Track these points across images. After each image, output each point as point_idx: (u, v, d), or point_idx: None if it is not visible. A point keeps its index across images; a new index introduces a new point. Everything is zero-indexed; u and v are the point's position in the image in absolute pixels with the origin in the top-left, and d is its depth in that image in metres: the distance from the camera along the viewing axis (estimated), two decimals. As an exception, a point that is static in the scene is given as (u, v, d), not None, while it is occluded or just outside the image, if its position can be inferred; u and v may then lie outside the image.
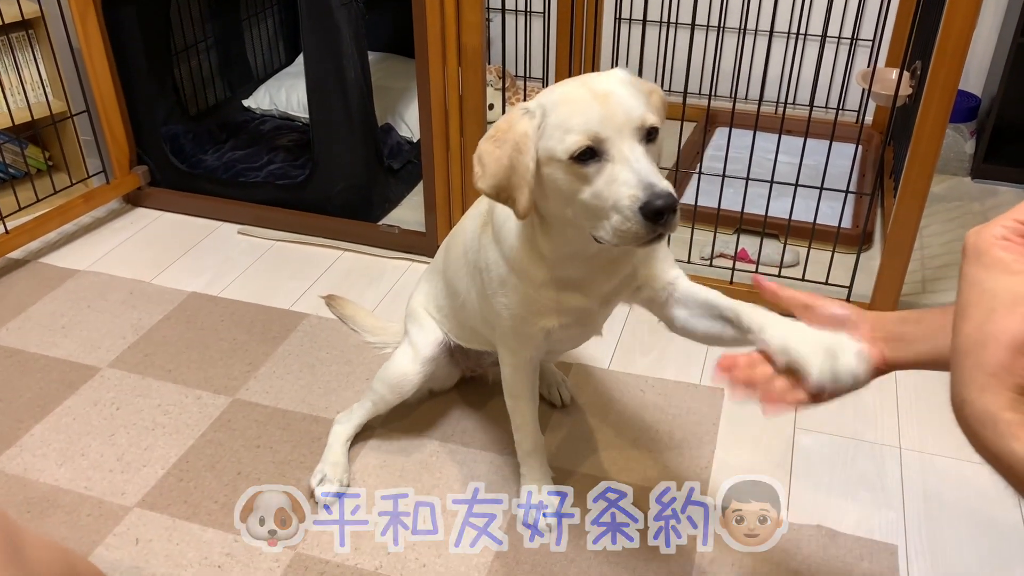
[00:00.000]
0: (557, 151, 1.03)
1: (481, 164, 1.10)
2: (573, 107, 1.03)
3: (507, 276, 1.24)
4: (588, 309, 1.26)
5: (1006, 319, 0.58)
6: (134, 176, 2.46)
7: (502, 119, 1.10)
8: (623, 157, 1.01)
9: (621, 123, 1.02)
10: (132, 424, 1.68)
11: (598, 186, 1.02)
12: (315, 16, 2.09)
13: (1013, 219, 0.61)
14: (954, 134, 2.60)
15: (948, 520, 1.48)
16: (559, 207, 1.09)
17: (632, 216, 0.99)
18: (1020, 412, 0.58)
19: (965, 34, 1.60)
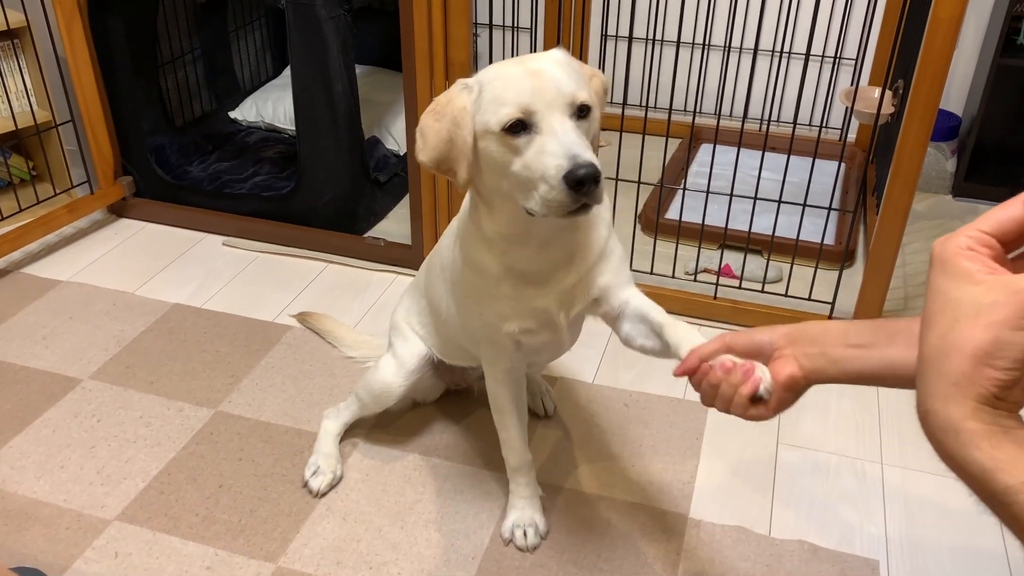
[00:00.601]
0: (491, 123, 1.07)
1: (423, 137, 1.14)
2: (507, 82, 1.07)
3: (472, 278, 1.27)
4: (548, 310, 1.26)
5: (969, 329, 0.59)
6: (118, 187, 2.45)
7: (443, 94, 1.14)
8: (551, 129, 1.05)
9: (552, 98, 1.05)
10: (113, 436, 1.66)
11: (528, 157, 1.06)
12: (303, 28, 2.10)
13: (978, 229, 0.61)
14: (936, 153, 2.63)
15: (929, 536, 1.49)
16: (494, 179, 1.13)
17: (557, 185, 1.03)
18: (983, 421, 0.59)
19: (946, 54, 1.62)
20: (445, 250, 1.40)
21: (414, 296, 1.62)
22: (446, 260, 1.39)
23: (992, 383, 0.58)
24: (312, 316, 1.97)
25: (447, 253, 1.38)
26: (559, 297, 1.25)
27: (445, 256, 1.40)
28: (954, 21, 1.59)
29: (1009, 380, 0.58)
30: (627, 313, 1.27)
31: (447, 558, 1.42)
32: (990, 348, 0.58)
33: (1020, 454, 0.58)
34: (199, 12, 2.70)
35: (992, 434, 0.58)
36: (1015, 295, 0.57)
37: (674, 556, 1.43)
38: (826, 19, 2.68)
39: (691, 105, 2.83)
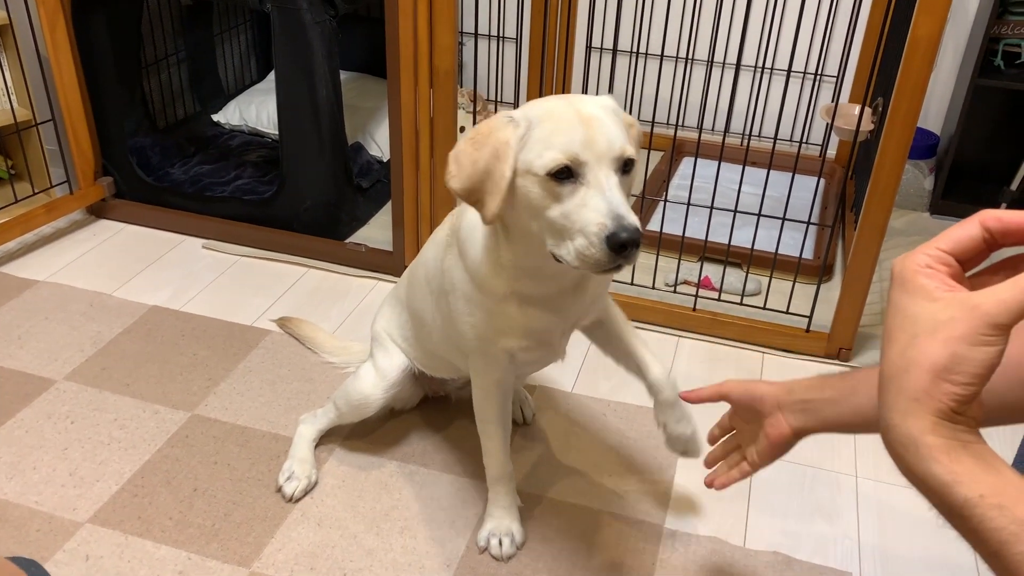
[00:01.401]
0: (535, 165, 1.04)
1: (457, 163, 1.10)
2: (558, 125, 1.04)
3: (471, 292, 1.24)
4: (550, 331, 1.27)
5: (928, 345, 0.59)
6: (99, 187, 2.43)
7: (484, 123, 1.10)
8: (598, 183, 1.03)
9: (602, 151, 1.03)
10: (87, 438, 1.65)
11: (569, 207, 1.03)
12: (288, 33, 2.10)
13: (936, 247, 0.63)
14: (914, 170, 2.66)
15: (902, 547, 1.50)
16: (526, 219, 1.10)
17: (597, 244, 1.01)
18: (941, 436, 0.59)
19: (924, 73, 1.65)
20: (431, 261, 1.37)
21: (394, 307, 1.60)
22: (432, 271, 1.37)
23: (950, 398, 0.59)
24: (292, 321, 1.97)
25: (433, 264, 1.36)
26: (561, 320, 1.26)
27: (431, 267, 1.37)
28: (933, 40, 1.61)
29: (967, 395, 0.59)
30: (604, 324, 1.34)
31: (422, 565, 1.42)
32: (948, 363, 0.58)
33: (978, 467, 0.59)
34: (184, 14, 2.69)
35: (951, 448, 0.59)
36: (971, 311, 0.58)
37: (649, 566, 1.44)
38: (808, 36, 2.71)
39: (674, 118, 2.84)
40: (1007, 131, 2.68)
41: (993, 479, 0.58)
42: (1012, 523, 0.56)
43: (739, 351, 2.01)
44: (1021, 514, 0.57)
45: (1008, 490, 0.58)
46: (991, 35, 2.43)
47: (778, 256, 2.03)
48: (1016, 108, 2.65)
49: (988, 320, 0.58)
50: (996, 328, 0.58)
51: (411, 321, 1.52)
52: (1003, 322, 0.58)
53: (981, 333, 0.58)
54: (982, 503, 0.57)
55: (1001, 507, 0.57)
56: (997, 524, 0.57)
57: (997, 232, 0.62)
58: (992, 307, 0.58)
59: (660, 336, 2.03)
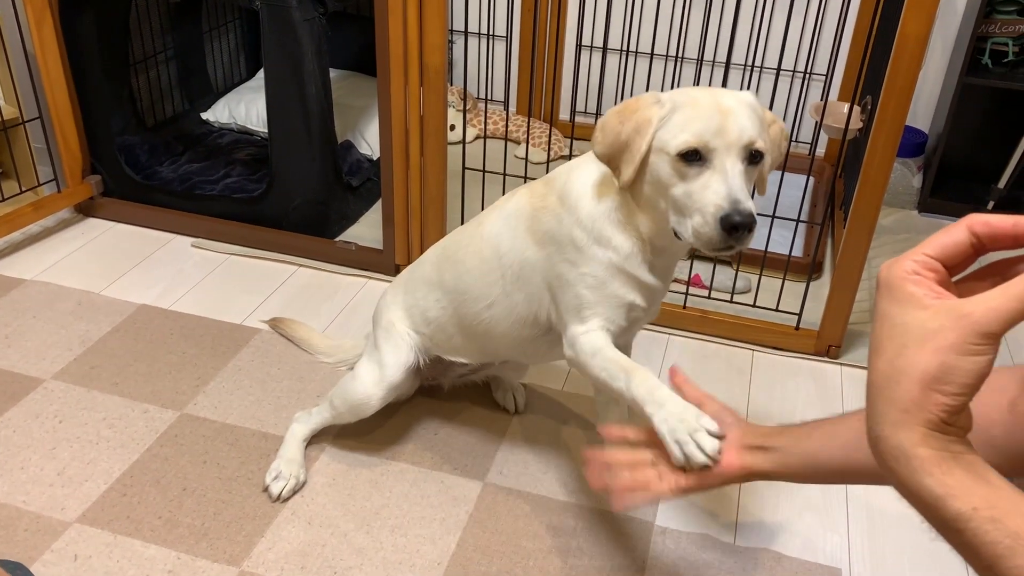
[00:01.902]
0: (669, 144, 1.13)
1: (602, 131, 1.20)
2: (697, 111, 1.13)
3: (589, 247, 1.26)
4: (657, 291, 1.32)
5: (917, 354, 0.58)
6: (86, 186, 2.42)
7: (633, 99, 1.19)
8: (723, 169, 1.11)
9: (732, 140, 1.11)
10: (75, 437, 1.64)
11: (692, 187, 1.12)
12: (277, 30, 2.09)
13: (923, 253, 0.61)
14: (902, 169, 2.68)
15: (891, 544, 1.51)
16: (653, 193, 1.18)
17: (712, 223, 1.09)
18: (932, 447, 0.58)
19: (912, 71, 1.65)
20: (503, 231, 1.37)
21: (415, 291, 1.55)
22: (506, 243, 1.36)
23: (940, 408, 0.58)
24: (284, 322, 1.96)
25: (508, 234, 1.36)
26: (651, 294, 1.31)
27: (505, 238, 1.36)
28: (921, 38, 1.62)
29: (957, 405, 0.58)
30: None
31: (413, 563, 1.42)
32: (938, 373, 0.57)
33: (970, 479, 0.58)
34: (172, 12, 2.68)
35: (942, 460, 0.58)
36: (961, 319, 0.57)
37: (640, 564, 1.44)
38: (797, 35, 2.72)
39: (664, 117, 2.84)
40: (995, 129, 2.70)
41: (985, 491, 0.58)
42: (1007, 536, 0.55)
43: (729, 348, 2.02)
44: (1015, 527, 0.56)
45: (1001, 502, 0.57)
46: (979, 34, 2.44)
47: (768, 254, 2.04)
48: (1004, 106, 2.67)
49: (978, 329, 0.57)
50: (986, 337, 0.57)
51: (449, 300, 1.48)
52: (993, 331, 0.56)
53: (971, 342, 0.57)
54: (976, 516, 0.57)
55: (995, 520, 0.56)
56: (991, 538, 0.56)
57: (985, 237, 0.60)
58: (982, 315, 0.57)
59: (650, 334, 2.04)
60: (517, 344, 1.44)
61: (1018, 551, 0.55)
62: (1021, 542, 0.55)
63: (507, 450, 1.67)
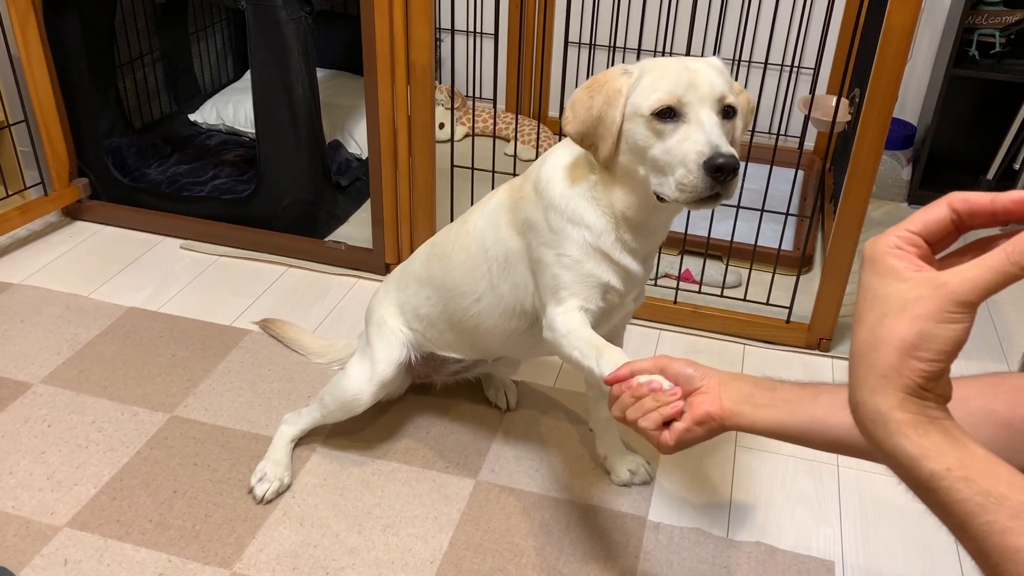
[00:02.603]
0: (642, 106, 1.14)
1: (573, 110, 1.19)
2: (665, 72, 1.14)
3: (569, 230, 1.26)
4: (632, 282, 1.31)
5: (896, 323, 0.61)
6: (74, 189, 2.41)
7: (600, 73, 1.20)
8: (698, 120, 1.12)
9: (704, 93, 1.12)
10: (64, 441, 1.63)
11: (670, 143, 1.13)
12: (263, 30, 2.08)
13: (906, 229, 0.64)
14: (891, 161, 2.68)
15: (883, 536, 1.51)
16: (631, 161, 1.18)
17: (695, 170, 1.09)
18: (910, 411, 0.61)
19: (899, 62, 1.65)
20: (487, 227, 1.38)
21: (406, 288, 1.56)
22: (490, 238, 1.37)
23: (918, 374, 0.60)
24: (275, 323, 1.95)
25: (490, 229, 1.37)
26: (629, 279, 1.31)
27: (489, 233, 1.38)
28: (907, 30, 1.62)
29: (934, 371, 0.60)
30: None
31: (405, 562, 1.41)
32: (916, 340, 0.60)
33: (945, 442, 0.60)
34: (158, 13, 2.67)
35: (919, 423, 0.61)
36: (938, 289, 0.59)
37: (633, 559, 1.44)
38: (784, 28, 2.72)
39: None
40: (983, 120, 2.70)
41: (960, 453, 0.60)
42: (977, 494, 0.58)
43: (720, 343, 2.02)
44: (987, 486, 0.58)
45: (974, 463, 0.59)
46: (966, 25, 2.45)
47: (758, 248, 2.04)
48: (991, 97, 2.67)
49: (955, 298, 0.59)
50: (962, 305, 0.59)
51: (438, 297, 1.49)
52: (969, 300, 0.59)
53: (947, 311, 0.59)
54: (949, 476, 0.59)
55: (967, 479, 0.58)
56: (963, 496, 0.58)
57: (964, 213, 0.62)
58: (958, 285, 0.59)
59: (641, 329, 2.04)
60: (506, 338, 1.45)
61: (989, 508, 0.57)
62: (992, 499, 0.57)
63: (499, 447, 1.66)
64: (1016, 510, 0.56)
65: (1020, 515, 0.56)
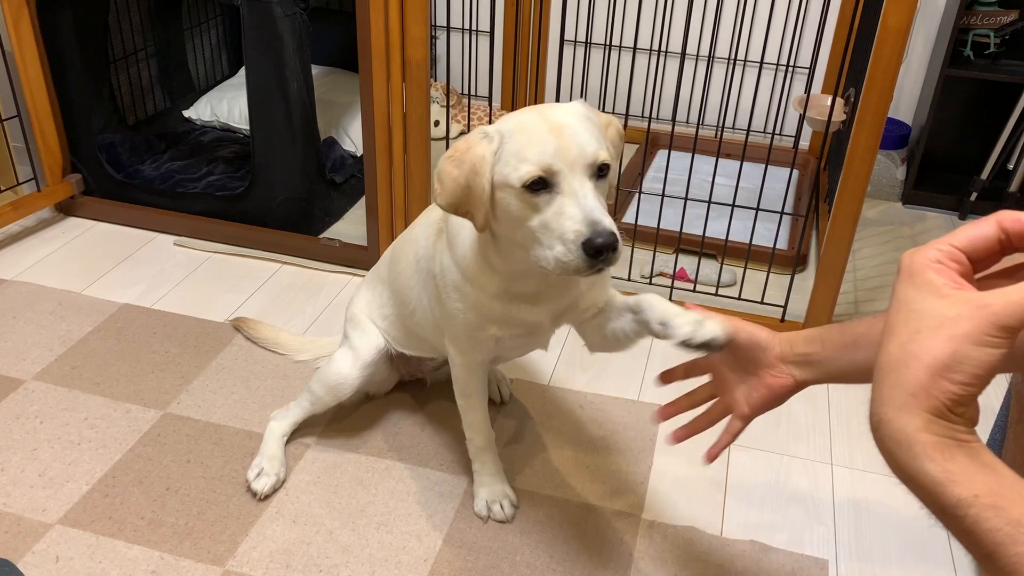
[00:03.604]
0: (511, 178, 1.07)
1: (440, 182, 1.14)
2: (530, 137, 1.07)
3: (461, 283, 1.27)
4: (538, 323, 1.30)
5: (930, 340, 0.58)
6: (67, 184, 2.39)
7: (462, 140, 1.14)
8: (572, 191, 1.05)
9: (574, 158, 1.05)
10: (56, 438, 1.62)
11: (546, 216, 1.06)
12: (258, 26, 2.07)
13: (949, 244, 0.61)
14: (886, 161, 2.68)
15: (877, 534, 1.51)
16: (510, 229, 1.14)
17: (575, 250, 1.04)
18: (936, 434, 0.58)
19: (894, 62, 1.66)
20: (422, 240, 1.39)
21: (374, 287, 1.61)
22: (422, 252, 1.39)
23: (948, 396, 0.57)
24: (248, 323, 1.92)
25: (424, 244, 1.38)
26: (552, 313, 1.29)
27: (421, 247, 1.39)
28: (902, 30, 1.62)
29: (965, 395, 0.57)
30: (606, 311, 1.32)
31: (399, 560, 1.41)
32: (949, 361, 0.57)
33: (973, 467, 0.57)
34: (153, 9, 2.66)
35: (945, 446, 0.58)
36: (980, 310, 0.57)
37: (627, 557, 1.43)
38: (780, 28, 2.72)
39: (647, 111, 2.84)
40: (977, 121, 2.71)
41: (988, 479, 0.57)
42: (1008, 524, 0.55)
43: (715, 342, 2.01)
44: (1017, 515, 0.55)
45: (1004, 491, 0.57)
46: (960, 26, 2.45)
47: (752, 247, 2.04)
48: (986, 98, 2.68)
49: (996, 321, 0.56)
50: (1003, 330, 0.56)
51: (393, 299, 1.53)
52: (1011, 324, 0.56)
53: (987, 333, 0.56)
54: (976, 503, 0.56)
55: (996, 508, 0.56)
56: (992, 525, 0.55)
57: (1014, 233, 0.60)
58: (1002, 308, 0.56)
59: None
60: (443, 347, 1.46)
61: (1019, 539, 0.54)
62: (1022, 530, 0.55)
63: (493, 446, 1.66)
64: None
65: None
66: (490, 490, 1.50)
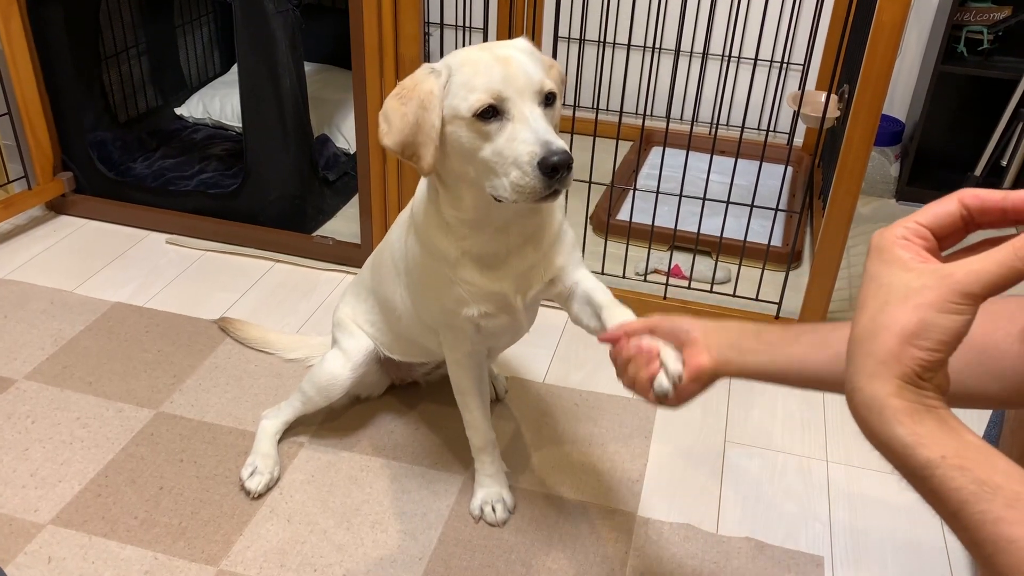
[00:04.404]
0: (461, 109, 1.08)
1: (387, 120, 1.13)
2: (477, 67, 1.08)
3: (427, 262, 1.28)
4: (505, 294, 1.27)
5: (898, 310, 0.61)
6: (58, 183, 2.38)
7: (408, 78, 1.13)
8: (523, 117, 1.07)
9: (522, 85, 1.07)
10: (48, 438, 1.61)
11: (499, 144, 1.07)
12: (250, 23, 2.06)
13: (915, 221, 0.64)
14: (880, 157, 2.68)
15: (872, 531, 1.51)
16: (461, 165, 1.13)
17: (531, 172, 1.05)
18: (906, 399, 0.61)
19: (888, 59, 1.65)
20: (396, 242, 1.40)
21: (359, 295, 1.61)
22: (397, 252, 1.39)
23: (916, 363, 0.60)
24: (234, 324, 1.90)
25: (398, 245, 1.39)
26: (516, 280, 1.27)
27: (396, 248, 1.40)
28: (896, 26, 1.62)
29: (933, 360, 0.60)
30: (576, 294, 1.30)
31: (394, 559, 1.40)
32: (916, 329, 0.60)
33: (941, 431, 0.60)
34: (144, 5, 2.64)
35: (915, 411, 0.60)
36: (944, 279, 0.60)
37: (623, 554, 1.43)
38: (774, 24, 2.72)
39: (642, 108, 2.84)
40: (971, 117, 2.71)
41: (955, 442, 0.59)
42: (972, 483, 0.57)
43: (709, 339, 2.01)
44: (982, 475, 0.57)
45: (969, 452, 0.59)
46: (954, 22, 2.45)
47: (747, 244, 2.04)
48: (979, 94, 2.68)
49: (959, 288, 0.59)
50: (966, 297, 0.59)
51: (379, 307, 1.53)
52: (973, 291, 0.59)
53: (951, 301, 0.59)
54: (943, 464, 0.58)
55: (962, 468, 0.58)
56: (957, 484, 0.58)
57: (975, 209, 0.63)
58: (964, 276, 0.59)
59: (631, 325, 2.03)
60: (440, 349, 1.45)
61: (983, 496, 0.57)
62: (986, 488, 0.57)
63: (488, 444, 1.65)
64: (1010, 499, 0.56)
65: (1014, 504, 0.56)
66: (486, 491, 1.49)
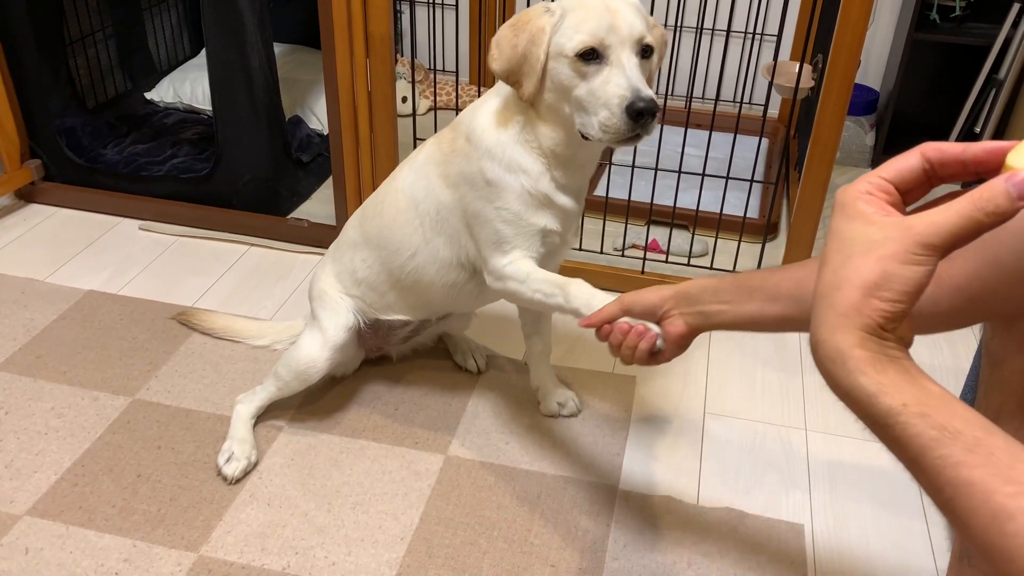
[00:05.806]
0: (566, 47, 1.18)
1: (498, 47, 1.24)
2: (588, 13, 1.18)
3: (505, 178, 1.31)
4: (570, 220, 1.37)
5: (860, 263, 0.61)
6: (26, 171, 2.34)
7: (524, 11, 1.24)
8: (620, 63, 1.17)
9: (625, 35, 1.17)
10: (22, 429, 1.59)
11: (594, 84, 1.18)
12: (217, 3, 2.02)
13: (878, 176, 0.65)
14: (855, 127, 2.69)
15: (852, 499, 1.52)
16: (557, 100, 1.24)
17: (618, 113, 1.16)
18: (868, 349, 0.61)
19: (860, 27, 1.65)
20: (417, 182, 1.42)
21: (343, 256, 1.58)
22: (420, 191, 1.41)
23: (879, 314, 0.61)
24: (197, 316, 1.86)
25: (421, 183, 1.41)
26: (567, 217, 1.36)
27: (419, 187, 1.41)
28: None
29: (895, 312, 0.61)
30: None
31: (375, 539, 1.40)
32: (878, 280, 0.60)
33: (903, 379, 0.61)
34: (109, -12, 2.59)
35: (877, 361, 0.61)
36: (905, 231, 0.60)
37: (604, 528, 1.44)
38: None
39: (617, 82, 2.83)
40: (944, 85, 2.72)
41: (917, 390, 0.60)
42: (932, 428, 0.58)
43: (688, 312, 2.01)
44: (942, 420, 0.58)
45: (931, 400, 0.60)
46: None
47: (723, 216, 2.04)
48: (953, 61, 2.68)
49: (919, 240, 0.60)
50: (927, 248, 0.60)
51: (377, 256, 1.50)
52: (934, 242, 0.60)
53: (912, 252, 0.60)
54: (905, 411, 0.59)
55: (923, 415, 0.59)
56: (918, 430, 0.59)
57: (936, 162, 0.63)
58: (924, 228, 0.60)
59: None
60: (448, 291, 1.47)
61: (943, 441, 0.58)
62: (947, 433, 0.58)
63: (468, 422, 1.65)
64: (970, 444, 0.57)
65: (974, 449, 0.57)
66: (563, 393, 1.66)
